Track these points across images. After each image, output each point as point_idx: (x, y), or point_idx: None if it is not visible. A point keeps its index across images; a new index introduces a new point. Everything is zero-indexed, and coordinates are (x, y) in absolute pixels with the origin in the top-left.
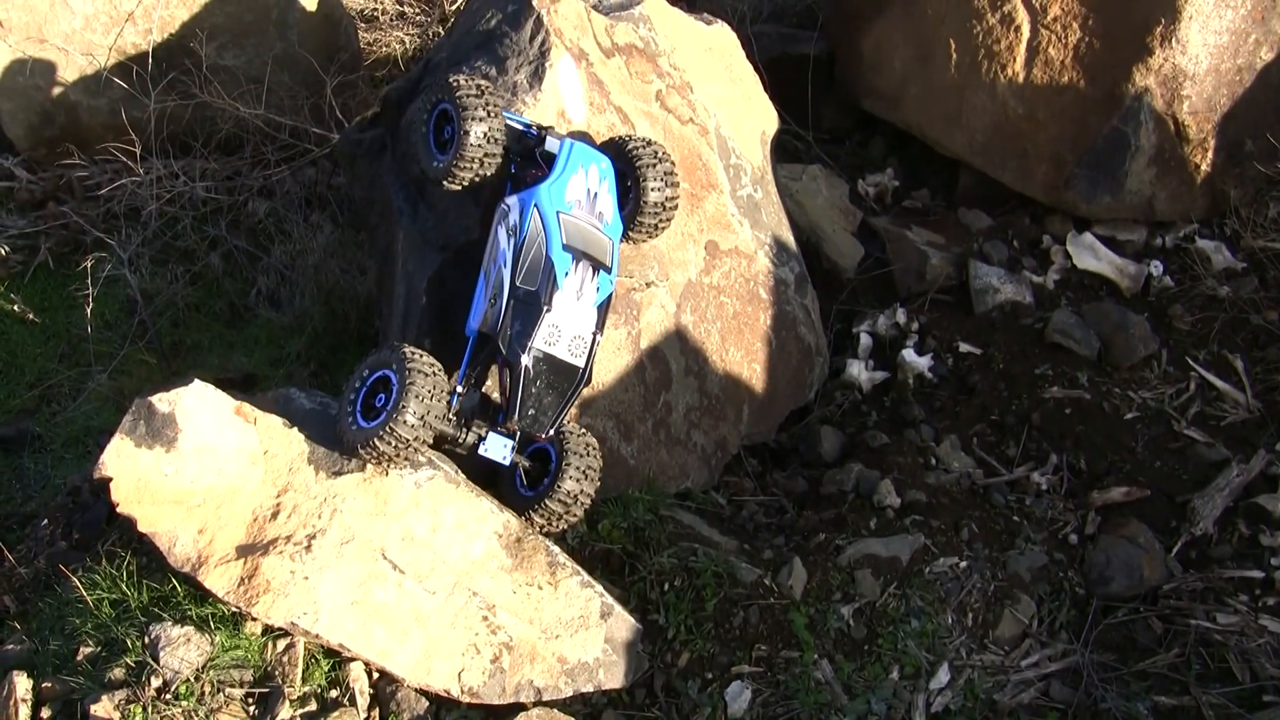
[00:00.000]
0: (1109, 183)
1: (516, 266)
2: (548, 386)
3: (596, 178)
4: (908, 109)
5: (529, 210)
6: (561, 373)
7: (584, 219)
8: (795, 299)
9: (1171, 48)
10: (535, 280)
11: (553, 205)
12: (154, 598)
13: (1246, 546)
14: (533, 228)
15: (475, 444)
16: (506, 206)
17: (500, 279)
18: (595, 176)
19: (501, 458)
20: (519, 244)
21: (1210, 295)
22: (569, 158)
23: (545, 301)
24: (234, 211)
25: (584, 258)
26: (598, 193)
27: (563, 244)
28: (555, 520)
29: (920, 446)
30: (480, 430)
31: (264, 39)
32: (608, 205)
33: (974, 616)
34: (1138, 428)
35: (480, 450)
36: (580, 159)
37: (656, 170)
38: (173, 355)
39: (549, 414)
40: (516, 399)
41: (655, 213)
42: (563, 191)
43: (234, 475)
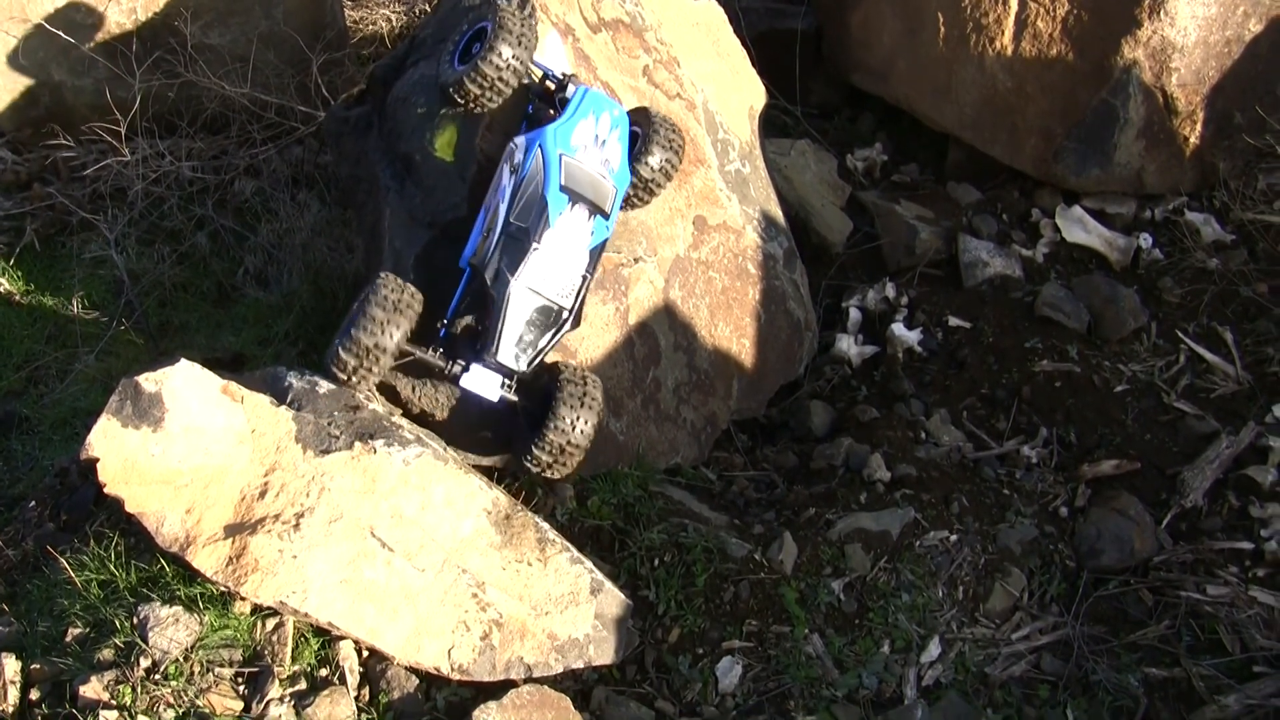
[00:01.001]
0: (1098, 156)
1: (513, 203)
2: (529, 323)
3: (607, 125)
4: (896, 83)
5: (533, 150)
6: (544, 310)
7: (588, 163)
8: (784, 274)
9: (1160, 20)
10: (528, 218)
11: (556, 146)
12: (142, 578)
13: (1236, 518)
14: (534, 166)
15: (458, 375)
16: (514, 145)
17: (496, 214)
18: (606, 124)
19: (486, 392)
20: (519, 181)
21: (1200, 268)
22: (580, 103)
23: (535, 239)
24: (220, 191)
25: (582, 200)
26: (606, 140)
27: (560, 185)
28: (557, 457)
29: (910, 421)
30: (464, 362)
31: (249, 17)
32: (615, 153)
33: (964, 590)
34: (1127, 400)
35: (463, 382)
36: (592, 105)
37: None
38: (160, 335)
39: (527, 350)
40: (497, 330)
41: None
42: (569, 134)
43: (221, 454)
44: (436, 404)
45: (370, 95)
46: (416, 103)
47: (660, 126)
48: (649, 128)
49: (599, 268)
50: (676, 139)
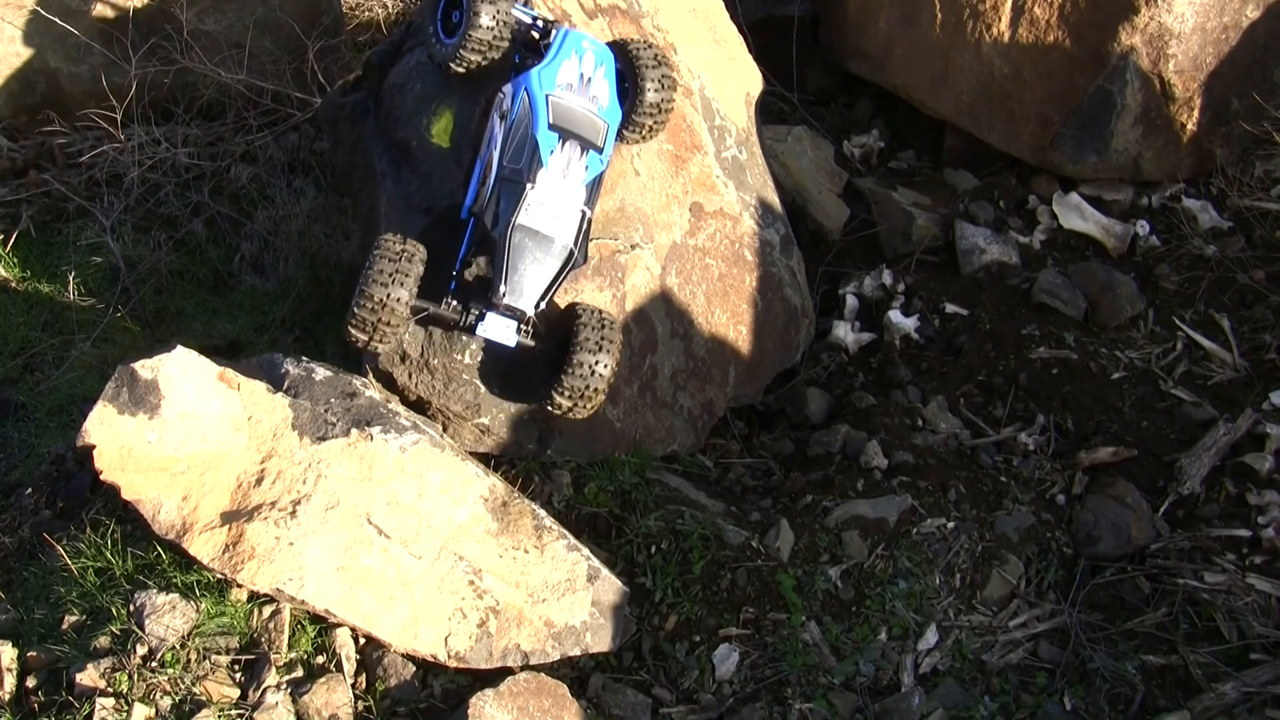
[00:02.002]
0: (1095, 143)
1: (505, 147)
2: (533, 261)
3: (591, 63)
4: (893, 70)
5: (519, 93)
6: (547, 247)
7: (574, 101)
8: (781, 260)
9: (1157, 6)
10: (520, 159)
11: (542, 88)
12: (139, 565)
13: (1234, 505)
14: (521, 109)
15: (473, 325)
16: (502, 93)
17: (490, 161)
18: (590, 62)
19: (504, 338)
20: (509, 126)
21: (1197, 255)
22: (562, 43)
23: (529, 178)
24: (216, 178)
25: (572, 137)
26: (591, 78)
27: (549, 123)
28: (578, 399)
29: (907, 408)
30: (478, 310)
31: (245, 4)
32: (603, 90)
33: (962, 577)
34: (1125, 387)
35: (479, 330)
36: (574, 45)
37: (655, 72)
38: (156, 323)
39: (535, 288)
40: (502, 273)
41: (651, 113)
42: (554, 75)
43: (218, 441)
44: (433, 390)
45: (366, 82)
46: (412, 89)
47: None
48: (634, 70)
49: (598, 204)
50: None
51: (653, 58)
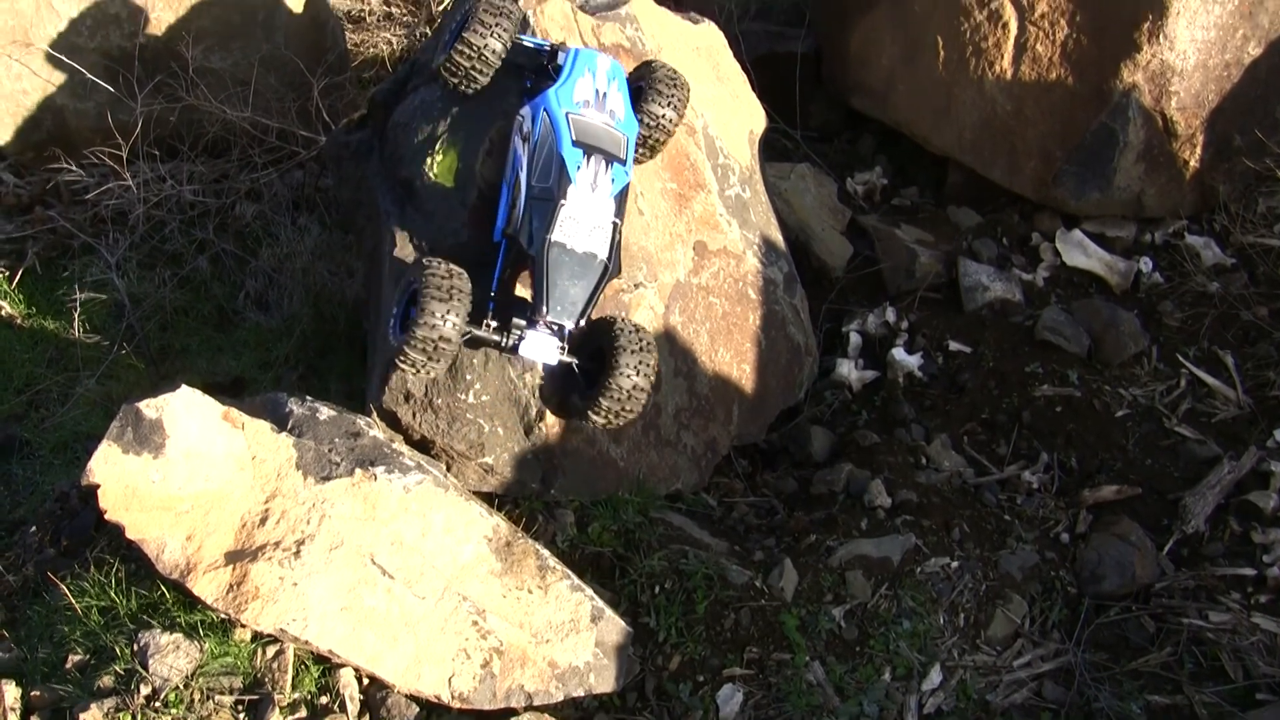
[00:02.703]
0: (1098, 179)
1: (531, 167)
2: (572, 276)
3: (605, 78)
4: (896, 106)
5: (539, 114)
6: (584, 262)
7: (594, 117)
8: (784, 298)
9: (1159, 44)
10: (549, 177)
11: (561, 106)
12: (143, 605)
13: (1238, 544)
14: (543, 129)
15: (515, 345)
16: (521, 116)
17: (518, 182)
18: (604, 77)
19: (546, 356)
20: (533, 146)
21: (1200, 291)
22: (575, 62)
23: (560, 195)
24: (222, 215)
25: (596, 151)
26: (607, 92)
27: (573, 140)
28: (613, 418)
29: (911, 446)
30: (519, 331)
31: (250, 41)
32: (619, 103)
33: (966, 617)
34: (1128, 425)
35: (521, 350)
36: (586, 62)
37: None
38: (161, 359)
39: (576, 303)
40: (543, 291)
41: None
42: (570, 93)
43: (222, 481)
44: (437, 430)
45: (371, 120)
46: (417, 128)
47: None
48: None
49: (626, 215)
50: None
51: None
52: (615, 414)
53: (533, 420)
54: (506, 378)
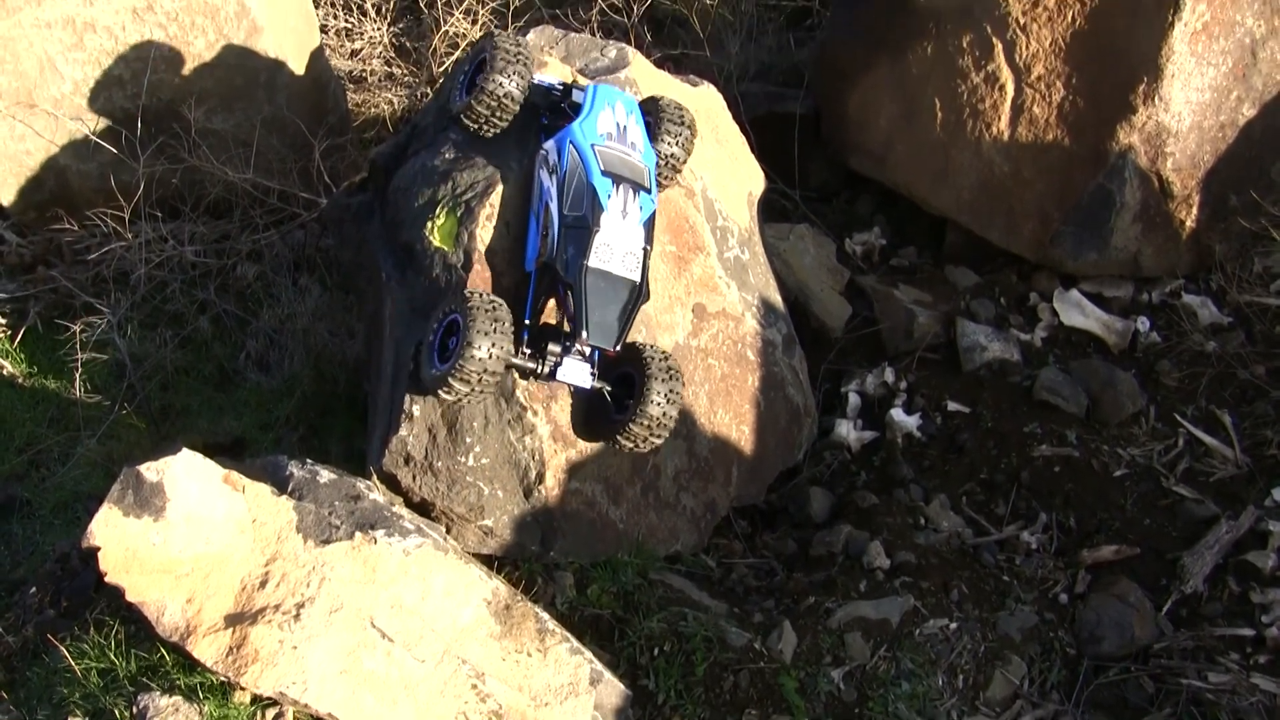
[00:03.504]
0: (1095, 239)
1: (562, 198)
2: (608, 302)
3: (624, 112)
4: (894, 167)
5: (565, 147)
6: (619, 287)
7: (618, 148)
8: (783, 360)
9: (1154, 105)
10: (581, 206)
11: (586, 139)
12: (142, 667)
13: (1237, 604)
14: (571, 161)
15: (552, 371)
16: (545, 150)
17: (549, 212)
18: (622, 111)
19: (581, 381)
20: (561, 178)
21: (1197, 350)
22: (595, 98)
23: (594, 223)
24: (223, 275)
25: (623, 181)
26: (626, 125)
27: (601, 170)
28: (641, 443)
29: (910, 506)
30: (555, 357)
31: (252, 102)
32: (638, 135)
33: (965, 678)
34: (1127, 485)
35: (559, 376)
36: (605, 97)
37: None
38: (162, 419)
39: (614, 327)
40: (582, 316)
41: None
42: (594, 127)
43: (222, 544)
44: (437, 492)
45: (372, 182)
46: (417, 192)
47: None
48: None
49: (654, 241)
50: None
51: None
52: (645, 439)
53: (532, 483)
54: (506, 440)
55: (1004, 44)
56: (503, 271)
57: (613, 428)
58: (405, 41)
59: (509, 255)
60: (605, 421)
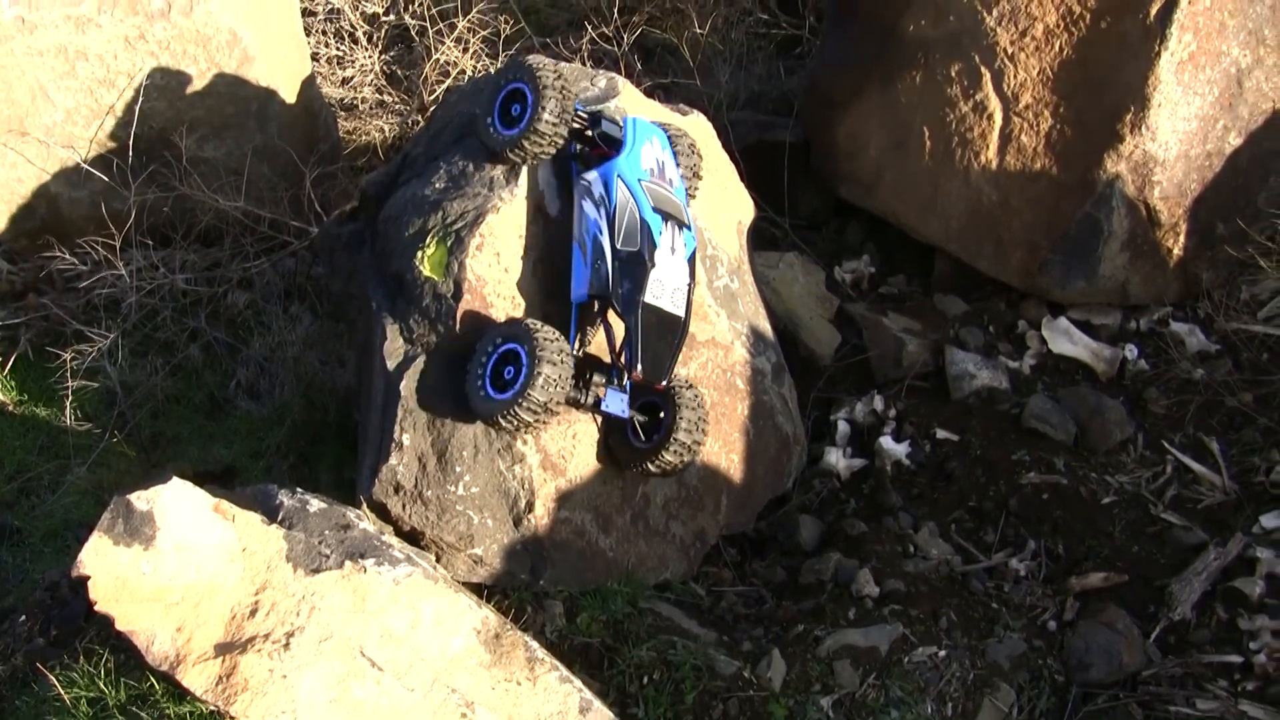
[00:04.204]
0: (1083, 268)
1: (614, 231)
2: (658, 337)
3: (660, 148)
4: (883, 196)
5: (613, 181)
6: (668, 323)
7: (661, 184)
8: (772, 388)
9: (1141, 135)
10: (635, 242)
11: (634, 174)
12: (132, 696)
13: (1225, 631)
14: (621, 196)
15: (596, 403)
16: (587, 181)
17: (599, 245)
18: (659, 147)
19: (620, 411)
20: (610, 212)
21: (1185, 378)
22: (635, 133)
23: (649, 259)
24: (214, 303)
25: (670, 218)
26: (664, 161)
27: (652, 207)
28: (669, 469)
29: (899, 534)
30: (599, 389)
31: (244, 131)
32: (674, 171)
33: (953, 706)
34: (1115, 512)
35: (604, 407)
36: (644, 133)
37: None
38: (152, 447)
39: (664, 362)
40: (636, 351)
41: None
42: (638, 162)
43: (212, 573)
44: (427, 521)
45: (362, 211)
46: (408, 222)
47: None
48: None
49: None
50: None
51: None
52: (673, 466)
53: (522, 511)
54: (496, 469)
55: (992, 73)
56: (492, 302)
57: (642, 455)
58: (397, 69)
59: (499, 285)
60: (628, 448)
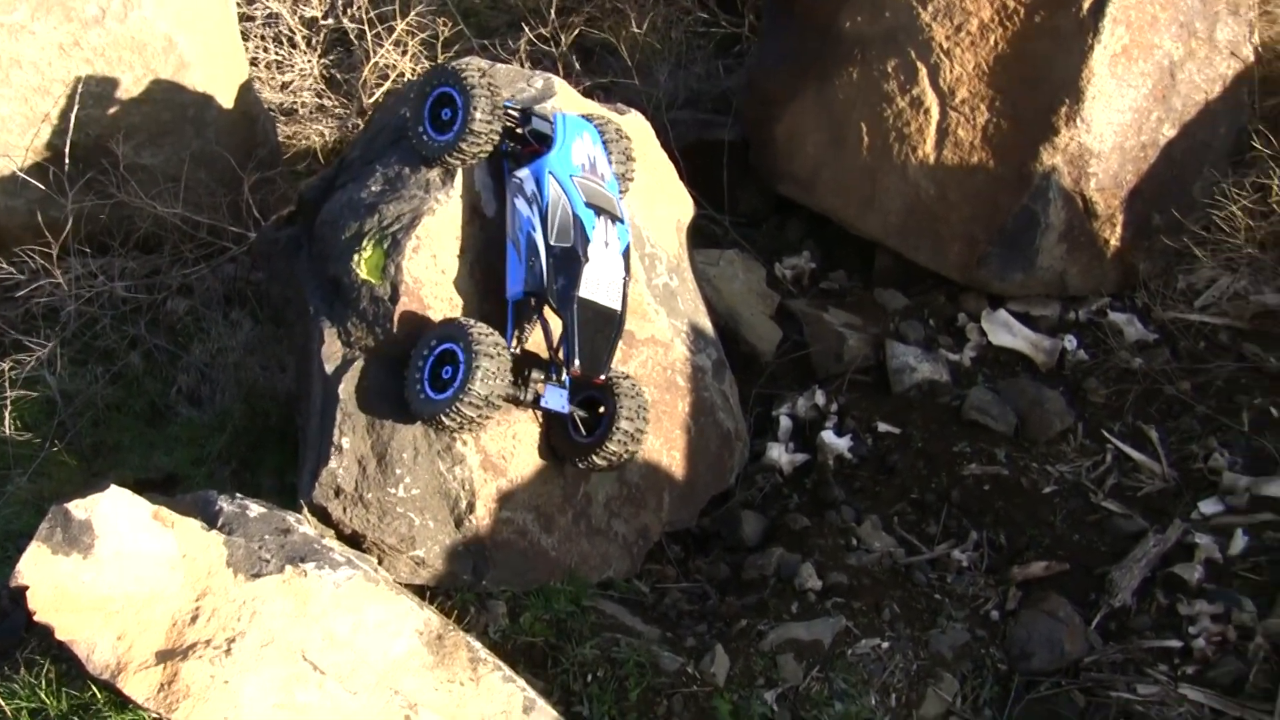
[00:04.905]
0: (1021, 260)
1: (547, 228)
2: (595, 331)
3: (591, 143)
4: (822, 192)
5: (544, 178)
6: (604, 316)
7: (593, 179)
8: (713, 385)
9: (1076, 127)
10: (569, 237)
11: (565, 170)
12: (74, 705)
13: (1165, 616)
14: (553, 193)
15: (536, 399)
16: (519, 179)
17: (533, 242)
18: (590, 142)
19: (560, 407)
20: (543, 209)
21: (1124, 368)
22: (566, 129)
23: (583, 254)
24: (153, 310)
25: (603, 212)
26: (595, 156)
27: (584, 202)
28: (615, 460)
29: (841, 528)
30: (538, 385)
31: (181, 137)
32: (605, 166)
33: (897, 697)
34: (1056, 501)
35: (543, 403)
36: (575, 129)
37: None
38: (94, 456)
39: (602, 356)
40: (574, 346)
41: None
42: (569, 158)
43: (153, 580)
44: (368, 524)
45: (300, 216)
46: (344, 225)
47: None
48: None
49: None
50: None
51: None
52: (618, 456)
53: (463, 513)
54: (436, 471)
55: (928, 68)
56: (430, 304)
57: (585, 449)
58: (336, 73)
59: (436, 287)
60: (571, 444)
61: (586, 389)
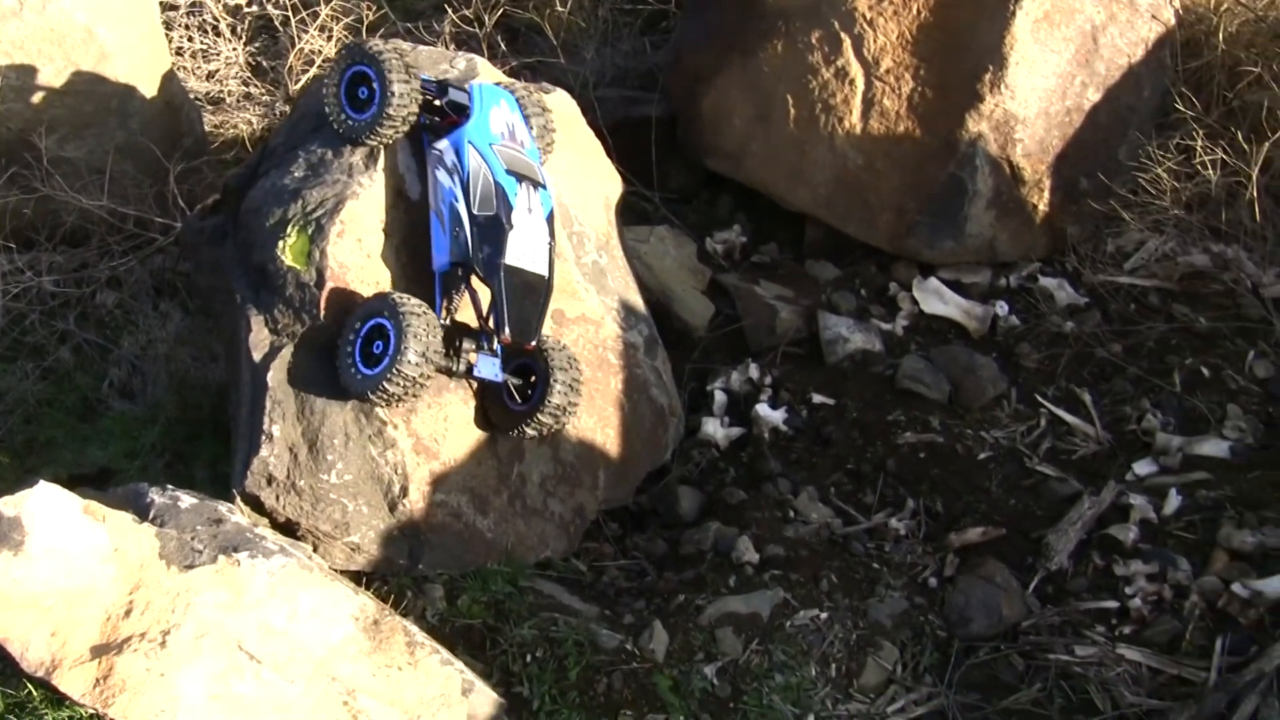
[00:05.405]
0: (950, 228)
1: (469, 197)
2: (524, 297)
3: (509, 110)
4: (751, 166)
5: (464, 148)
6: (531, 283)
7: (512, 146)
8: (646, 361)
9: (1001, 94)
10: (491, 206)
11: (485, 139)
12: (9, 704)
13: (1101, 578)
14: (473, 162)
15: (469, 369)
16: (439, 150)
17: (456, 212)
18: (507, 110)
19: (494, 376)
20: (464, 179)
21: (1055, 332)
22: (482, 98)
23: (507, 221)
24: (82, 304)
25: (524, 179)
26: (514, 124)
27: (505, 169)
28: (546, 430)
29: (778, 500)
30: (470, 355)
31: (104, 129)
32: (524, 133)
33: (837, 667)
34: (991, 467)
35: (475, 373)
36: (491, 97)
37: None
38: (26, 453)
39: (531, 322)
40: (503, 314)
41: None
42: (487, 127)
43: (85, 575)
44: (301, 511)
45: (225, 205)
46: (269, 212)
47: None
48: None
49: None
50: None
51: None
52: (550, 426)
53: (396, 497)
54: (368, 456)
55: (852, 39)
56: (356, 288)
57: (519, 416)
58: (262, 61)
59: (362, 271)
60: (505, 413)
61: (519, 356)
